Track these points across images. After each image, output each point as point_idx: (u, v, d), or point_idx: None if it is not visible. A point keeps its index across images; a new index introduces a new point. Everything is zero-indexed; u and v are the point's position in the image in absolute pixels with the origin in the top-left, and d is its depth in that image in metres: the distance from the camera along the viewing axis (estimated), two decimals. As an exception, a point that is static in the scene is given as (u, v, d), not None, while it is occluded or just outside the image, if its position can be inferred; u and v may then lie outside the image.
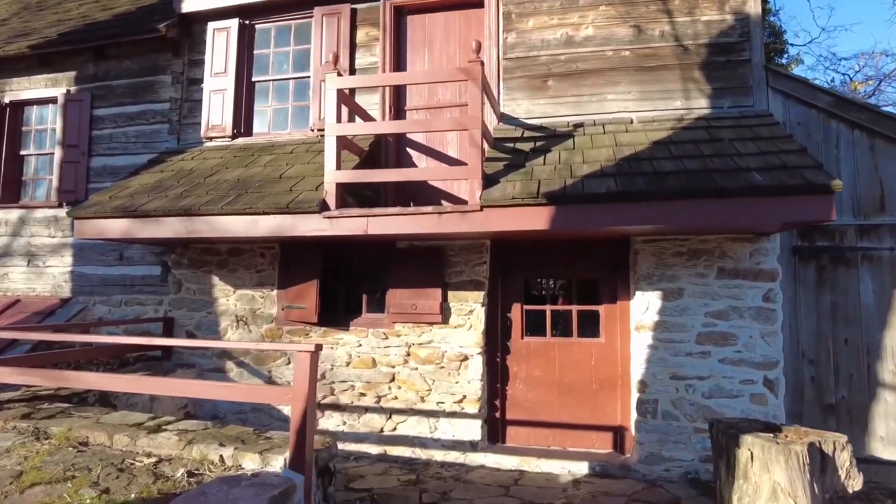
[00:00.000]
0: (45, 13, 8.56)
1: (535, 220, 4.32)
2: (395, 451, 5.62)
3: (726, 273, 5.16)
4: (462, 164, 5.20)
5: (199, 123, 6.76)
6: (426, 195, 5.71)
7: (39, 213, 7.21)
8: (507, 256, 5.74)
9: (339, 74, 4.89)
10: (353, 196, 5.22)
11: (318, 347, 3.42)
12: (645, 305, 5.26)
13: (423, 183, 5.83)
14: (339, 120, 4.98)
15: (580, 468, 5.21)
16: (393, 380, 5.70)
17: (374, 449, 5.66)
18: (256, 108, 6.78)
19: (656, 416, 5.18)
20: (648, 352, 5.23)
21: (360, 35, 6.27)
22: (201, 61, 6.83)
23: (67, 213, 5.89)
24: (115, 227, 5.45)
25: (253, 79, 6.76)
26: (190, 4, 6.68)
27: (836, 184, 3.92)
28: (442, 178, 5.46)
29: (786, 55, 12.84)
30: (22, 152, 7.55)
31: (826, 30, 28.34)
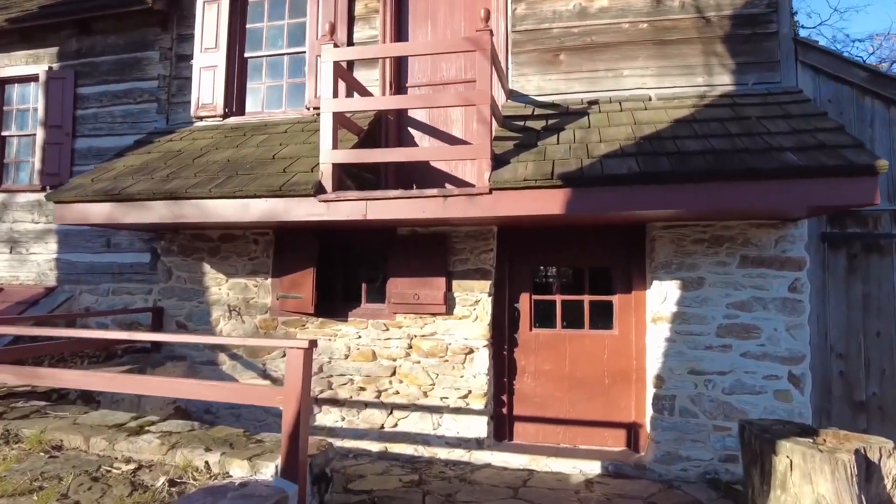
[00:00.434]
0: (27, -14, 8.13)
1: (550, 203, 3.97)
2: (396, 448, 5.33)
3: (750, 261, 4.83)
4: (469, 144, 4.84)
5: (189, 102, 6.38)
6: (429, 178, 5.36)
7: (22, 198, 6.87)
8: (514, 243, 5.41)
9: (336, 46, 4.51)
10: (352, 178, 4.87)
11: (311, 343, 3.10)
12: (662, 295, 4.94)
13: (426, 165, 5.47)
14: (336, 96, 4.61)
15: (592, 468, 4.92)
16: (394, 374, 5.40)
17: (374, 446, 5.37)
18: (249, 85, 6.41)
19: (673, 413, 4.88)
20: (666, 345, 4.92)
21: (359, 7, 5.87)
22: (191, 36, 6.44)
23: (46, 196, 5.55)
24: (97, 211, 5.10)
25: (245, 54, 6.37)
26: (177, -26, 6.28)
27: (882, 164, 3.57)
28: (447, 158, 5.10)
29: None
30: (3, 133, 7.17)
31: (838, 10, 27.58)
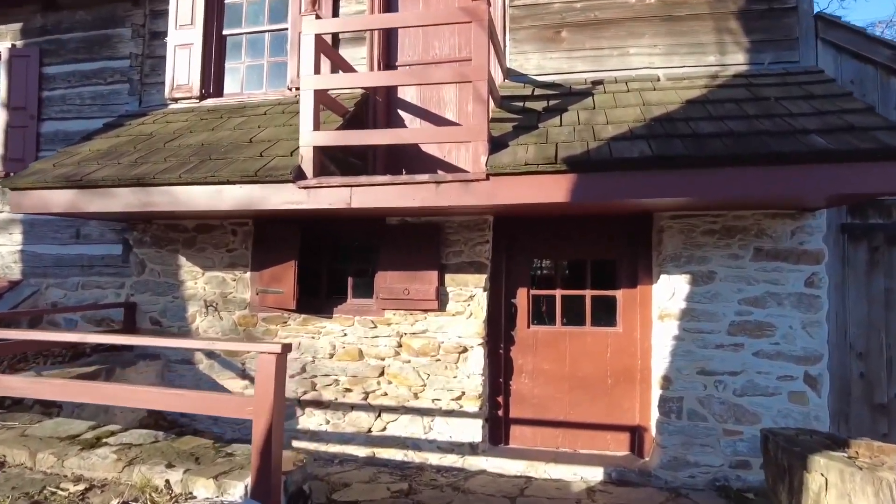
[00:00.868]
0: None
1: (553, 190, 3.60)
2: (384, 453, 4.99)
3: (764, 254, 4.51)
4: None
5: (163, 83, 5.95)
6: (420, 164, 4.98)
7: (-16, 185, 6.42)
8: (511, 234, 5.05)
9: (318, 17, 4.10)
10: (336, 164, 4.48)
11: (285, 348, 2.73)
12: (671, 290, 4.60)
13: (417, 150, 5.09)
14: (319, 73, 4.21)
15: (594, 474, 4.60)
16: (382, 374, 5.04)
17: (361, 451, 5.02)
18: (228, 65, 5.98)
19: (681, 416, 4.57)
20: (673, 343, 4.59)
21: (345, -20, 5.46)
22: (165, 11, 5.99)
23: (1, 182, 5.11)
24: (58, 199, 4.68)
25: (224, 32, 5.94)
26: (149, -57, 5.83)
27: (921, 147, 3.24)
28: (440, 141, 4.72)
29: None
30: (-35, 116, 6.70)
31: (839, -2, 27.20)
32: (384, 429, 5.01)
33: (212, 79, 5.87)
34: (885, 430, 4.39)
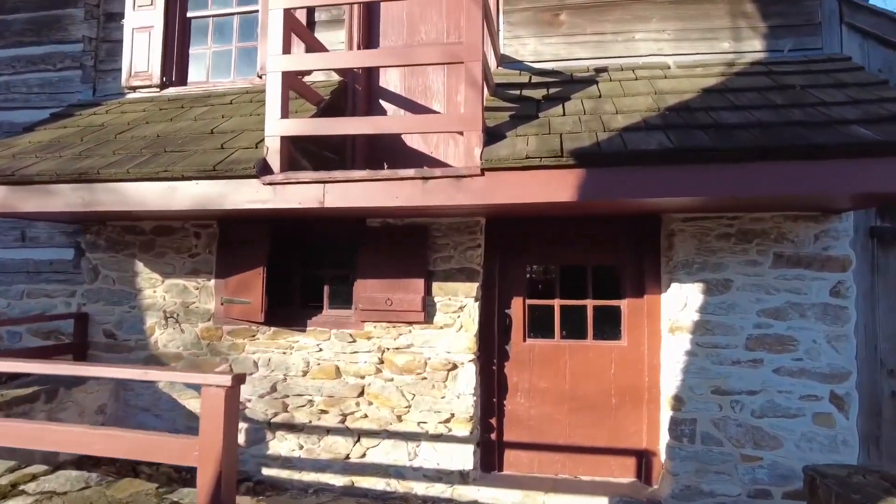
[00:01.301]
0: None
1: (559, 188, 3.11)
2: (364, 482, 4.46)
3: (784, 261, 4.08)
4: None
5: (120, 70, 5.37)
6: (404, 159, 4.47)
7: (-81, 182, 5.75)
8: (506, 238, 4.56)
9: (288, -9, 3.57)
10: (309, 157, 3.95)
11: (237, 380, 2.21)
12: (682, 301, 4.16)
13: (401, 144, 4.59)
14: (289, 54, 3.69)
15: (598, 505, 4.13)
16: (362, 394, 4.51)
17: (338, 480, 4.49)
18: (193, 51, 5.42)
19: (694, 440, 4.12)
20: (685, 359, 4.15)
21: (322, -44, 4.93)
22: (122, -10, 5.41)
23: (-77, 177, 4.49)
24: (-12, 197, 4.09)
25: (188, 14, 5.38)
26: (103, -86, 5.25)
27: (982, 140, 2.82)
28: (427, 131, 4.22)
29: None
30: None
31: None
32: (364, 455, 4.49)
33: (174, 65, 5.31)
34: (919, 455, 3.98)
